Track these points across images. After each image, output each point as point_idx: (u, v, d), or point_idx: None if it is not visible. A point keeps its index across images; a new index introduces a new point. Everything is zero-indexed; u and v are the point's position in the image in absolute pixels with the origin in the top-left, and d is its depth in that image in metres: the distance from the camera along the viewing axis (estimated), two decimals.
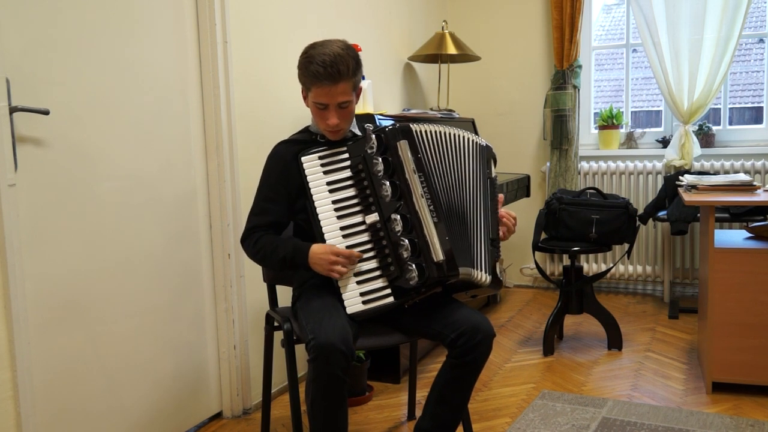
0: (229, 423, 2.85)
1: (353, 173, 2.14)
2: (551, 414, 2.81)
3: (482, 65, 4.96)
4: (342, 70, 2.06)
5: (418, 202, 2.06)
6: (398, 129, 2.11)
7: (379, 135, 2.10)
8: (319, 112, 2.14)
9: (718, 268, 2.91)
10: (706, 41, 4.26)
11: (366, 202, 2.11)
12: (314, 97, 2.11)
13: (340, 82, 2.06)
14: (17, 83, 2.01)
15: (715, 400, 2.92)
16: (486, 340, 2.06)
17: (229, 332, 2.85)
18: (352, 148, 2.16)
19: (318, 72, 2.05)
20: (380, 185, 2.07)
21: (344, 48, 2.09)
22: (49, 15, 2.12)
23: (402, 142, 2.09)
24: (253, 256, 2.22)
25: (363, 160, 2.11)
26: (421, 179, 2.09)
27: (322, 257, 2.07)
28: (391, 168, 2.08)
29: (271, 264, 2.18)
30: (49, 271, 2.13)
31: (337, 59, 2.05)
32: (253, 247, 2.20)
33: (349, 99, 2.11)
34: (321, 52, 2.06)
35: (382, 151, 2.09)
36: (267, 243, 2.17)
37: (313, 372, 1.92)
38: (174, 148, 2.62)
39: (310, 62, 2.07)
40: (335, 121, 2.12)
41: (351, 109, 2.16)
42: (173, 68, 2.61)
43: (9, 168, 1.96)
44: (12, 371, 1.99)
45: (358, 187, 2.12)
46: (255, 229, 2.21)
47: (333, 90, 2.07)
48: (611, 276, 4.78)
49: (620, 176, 4.64)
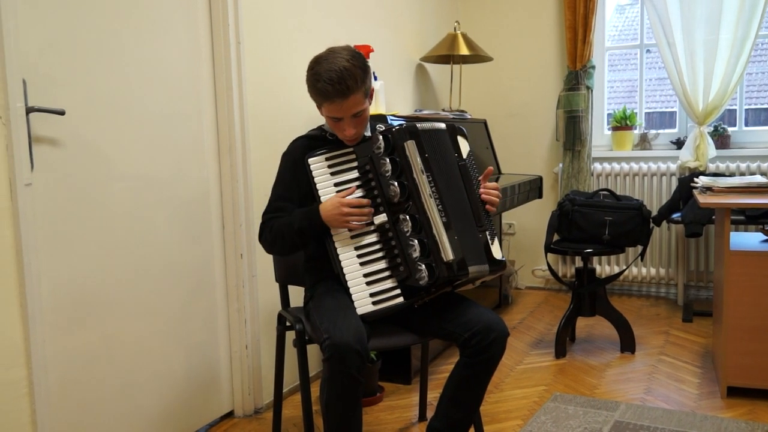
0: (240, 422, 2.85)
1: (360, 174, 2.14)
2: (563, 417, 2.80)
3: (495, 66, 4.95)
4: (351, 85, 2.04)
5: (427, 202, 2.06)
6: (405, 129, 2.10)
7: (386, 135, 2.09)
8: (335, 125, 2.14)
9: (733, 271, 2.89)
10: (721, 41, 4.23)
11: (374, 203, 2.11)
12: (327, 112, 2.11)
13: (350, 96, 2.05)
14: (33, 84, 2.03)
15: (729, 404, 2.90)
16: (500, 339, 2.05)
17: (241, 332, 2.85)
18: (359, 149, 2.16)
19: (327, 90, 2.04)
20: (388, 186, 2.07)
21: (350, 59, 2.06)
22: (65, 17, 2.13)
23: (409, 143, 2.09)
24: (271, 245, 2.22)
25: (370, 160, 2.11)
26: (429, 179, 2.08)
27: (333, 213, 2.07)
28: (398, 168, 2.07)
29: (291, 241, 2.16)
30: (64, 271, 2.15)
31: (344, 74, 2.02)
32: (270, 235, 2.19)
33: (362, 108, 2.10)
34: (327, 68, 2.04)
35: (389, 151, 2.09)
36: (279, 225, 2.17)
37: (328, 372, 1.92)
38: (187, 149, 2.63)
39: (317, 80, 2.05)
40: (352, 131, 2.12)
41: (366, 116, 2.15)
42: (186, 69, 2.62)
43: (25, 167, 1.97)
44: (28, 369, 2.00)
45: (365, 188, 2.12)
46: (268, 224, 2.22)
47: (344, 104, 2.06)
48: (624, 278, 4.75)
49: (634, 178, 4.61)
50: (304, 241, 2.16)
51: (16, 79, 1.94)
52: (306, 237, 2.14)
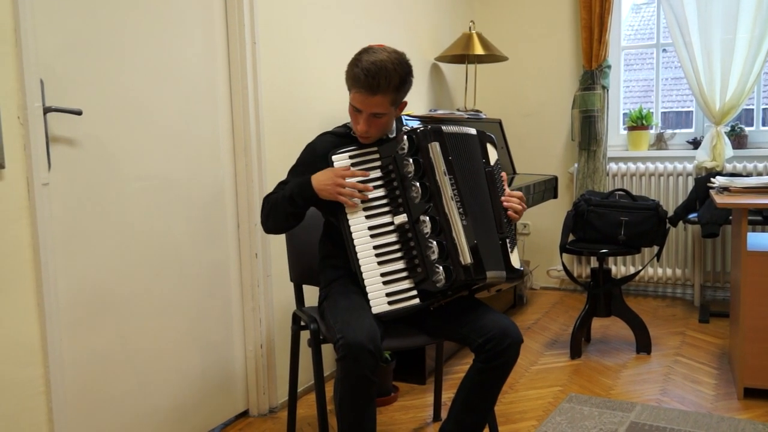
0: (255, 421, 2.86)
1: (383, 173, 2.13)
2: (578, 417, 2.79)
3: (510, 66, 4.93)
4: (382, 84, 2.03)
5: (448, 205, 2.05)
6: (430, 130, 2.10)
7: (410, 136, 2.09)
8: (353, 114, 2.14)
9: (750, 272, 2.86)
10: (738, 41, 4.19)
11: (395, 203, 2.10)
12: (351, 99, 2.12)
13: (377, 94, 2.05)
14: (51, 84, 2.04)
15: (746, 405, 2.88)
16: (514, 345, 2.04)
17: (256, 331, 2.86)
18: (383, 149, 2.15)
19: (358, 77, 2.04)
20: (410, 186, 2.07)
21: (395, 62, 2.07)
22: (82, 17, 2.15)
23: (433, 144, 2.08)
24: (266, 218, 2.22)
25: (393, 160, 2.11)
26: (451, 181, 2.08)
27: (325, 182, 2.09)
28: (421, 169, 2.06)
29: (283, 210, 2.17)
30: (81, 270, 2.16)
31: (381, 71, 2.03)
32: (266, 207, 2.21)
33: (383, 112, 2.10)
34: (369, 59, 2.05)
35: (413, 152, 2.08)
36: (275, 197, 2.19)
37: (342, 371, 1.92)
38: (203, 149, 2.64)
39: (356, 65, 2.06)
40: (364, 128, 2.12)
41: (384, 121, 2.14)
42: (202, 69, 2.63)
43: (43, 167, 1.99)
44: (44, 367, 2.02)
45: (387, 187, 2.12)
46: (266, 198, 2.24)
47: (369, 100, 2.06)
48: (640, 279, 4.72)
49: (650, 178, 4.58)
50: (296, 210, 2.16)
51: (34, 79, 1.96)
52: (296, 205, 2.14)
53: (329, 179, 2.08)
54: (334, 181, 2.07)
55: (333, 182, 2.07)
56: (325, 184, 2.09)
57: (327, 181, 2.09)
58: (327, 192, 2.09)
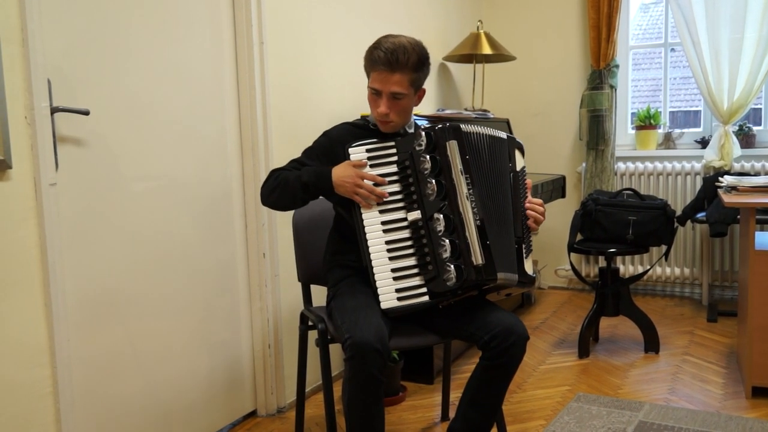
0: (263, 421, 2.86)
1: (399, 169, 2.13)
2: (587, 417, 2.78)
3: (517, 65, 4.92)
4: (401, 59, 2.07)
5: (463, 204, 2.05)
6: (449, 128, 2.10)
7: (429, 132, 2.09)
8: (373, 99, 2.16)
9: (758, 271, 2.85)
10: (747, 40, 4.18)
11: (409, 199, 2.09)
12: (371, 82, 2.14)
13: (396, 71, 2.08)
14: (58, 84, 2.05)
15: (754, 404, 2.86)
16: (519, 342, 2.04)
17: (264, 331, 2.86)
18: (400, 144, 2.14)
19: (378, 57, 2.08)
20: (425, 183, 2.06)
21: (413, 44, 2.12)
22: (89, 17, 2.16)
23: (452, 142, 2.08)
24: (270, 191, 2.18)
25: (410, 156, 2.10)
26: (467, 180, 2.07)
27: (345, 178, 2.08)
28: (438, 167, 2.06)
29: (292, 192, 2.15)
30: (88, 270, 2.17)
31: (400, 49, 2.08)
32: (273, 182, 2.18)
33: (403, 91, 2.11)
34: (388, 40, 2.11)
35: (431, 149, 2.08)
36: (287, 174, 2.17)
37: (350, 371, 1.92)
38: (210, 149, 2.65)
39: (376, 48, 2.11)
40: (384, 110, 2.12)
41: (405, 104, 2.15)
42: (210, 69, 2.64)
43: (50, 167, 1.99)
44: (52, 368, 2.02)
45: (402, 183, 2.11)
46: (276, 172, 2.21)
47: (388, 78, 2.09)
48: (648, 278, 4.71)
49: (658, 177, 4.57)
50: (305, 197, 2.16)
51: (41, 79, 1.96)
52: (308, 193, 2.14)
53: (349, 177, 2.08)
54: (354, 180, 2.07)
55: (353, 181, 2.07)
56: (344, 180, 2.09)
57: (347, 178, 2.08)
58: (344, 189, 2.09)
